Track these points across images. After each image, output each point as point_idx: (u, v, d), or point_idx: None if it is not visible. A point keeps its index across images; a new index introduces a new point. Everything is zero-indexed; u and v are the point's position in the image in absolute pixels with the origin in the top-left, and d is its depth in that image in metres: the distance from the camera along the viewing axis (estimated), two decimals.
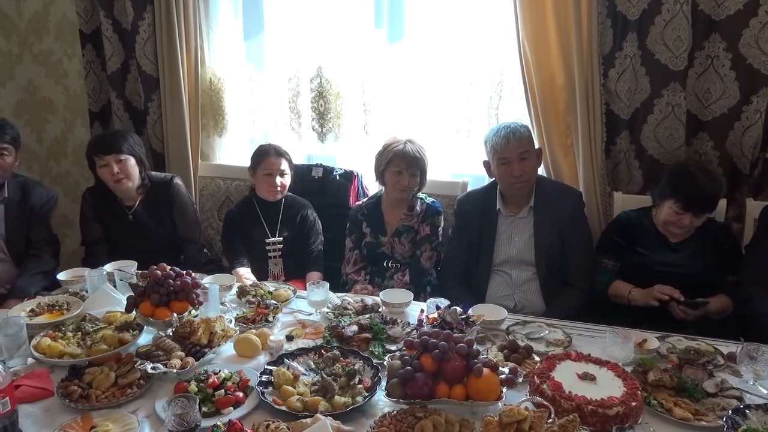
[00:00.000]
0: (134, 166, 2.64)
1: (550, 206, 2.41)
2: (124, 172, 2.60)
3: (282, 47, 3.11)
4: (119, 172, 2.59)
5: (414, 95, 2.97)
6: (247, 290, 2.26)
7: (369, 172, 2.94)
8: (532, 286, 2.43)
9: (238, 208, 2.90)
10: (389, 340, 1.90)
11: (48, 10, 3.46)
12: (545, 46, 2.58)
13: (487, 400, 1.48)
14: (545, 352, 1.82)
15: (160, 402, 1.55)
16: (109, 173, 2.58)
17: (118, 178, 2.59)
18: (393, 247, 2.68)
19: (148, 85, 3.22)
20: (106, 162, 2.58)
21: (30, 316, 2.02)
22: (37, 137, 3.69)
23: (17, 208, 2.61)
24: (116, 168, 2.58)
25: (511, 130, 2.34)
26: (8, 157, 2.52)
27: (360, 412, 1.54)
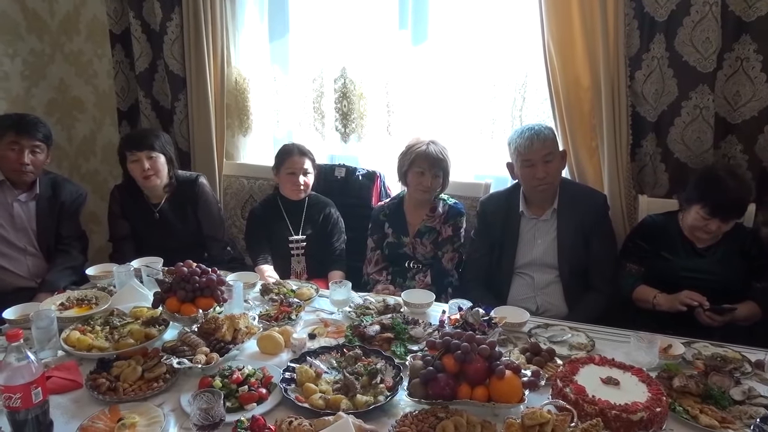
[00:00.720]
0: (164, 164, 2.71)
1: (574, 209, 2.39)
2: (153, 169, 2.66)
3: (306, 48, 3.14)
4: (149, 169, 2.65)
5: (437, 96, 2.97)
6: (271, 288, 2.29)
7: (391, 173, 2.95)
8: (555, 289, 2.41)
9: (262, 206, 2.94)
10: (411, 340, 1.91)
11: (79, 11, 3.53)
12: (570, 47, 2.56)
13: (509, 402, 1.48)
14: (568, 356, 1.81)
15: (185, 396, 1.58)
16: (140, 169, 2.64)
17: (147, 174, 2.65)
18: (415, 248, 2.68)
19: (175, 84, 3.27)
20: (138, 158, 2.64)
21: (60, 309, 2.07)
22: (67, 135, 3.78)
23: (48, 204, 2.68)
24: (147, 164, 2.64)
25: (536, 131, 2.33)
26: (40, 155, 2.59)
27: (381, 411, 1.55)
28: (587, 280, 2.41)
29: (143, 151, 2.65)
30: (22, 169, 2.52)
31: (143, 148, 2.65)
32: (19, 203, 2.61)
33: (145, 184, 2.71)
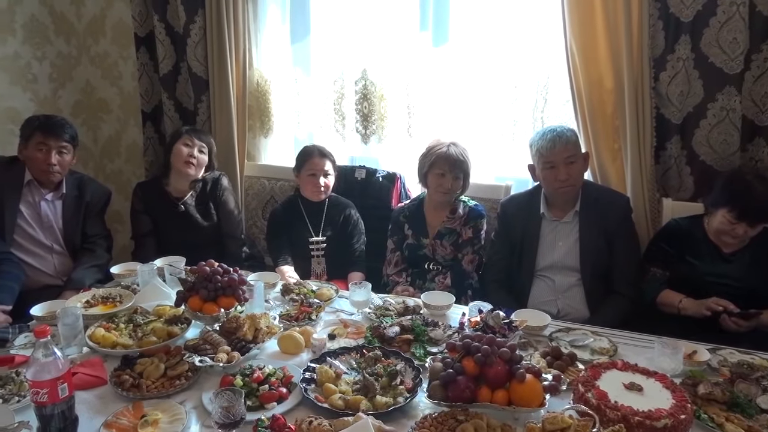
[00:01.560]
0: (205, 161, 2.87)
1: (597, 211, 2.37)
2: (198, 160, 2.83)
3: (328, 50, 3.15)
4: (195, 158, 2.81)
5: (458, 98, 2.96)
6: (291, 288, 2.30)
7: (412, 174, 2.95)
8: (576, 293, 2.39)
9: (282, 207, 2.96)
10: (430, 342, 1.90)
11: (105, 14, 3.60)
12: (593, 48, 2.53)
13: (529, 406, 1.47)
14: (590, 361, 1.79)
15: (207, 394, 1.59)
16: (188, 153, 2.80)
17: (190, 161, 2.80)
18: (435, 250, 2.68)
19: (198, 86, 3.31)
20: (192, 144, 2.82)
21: (85, 307, 2.10)
22: (93, 136, 3.84)
23: (74, 203, 2.73)
24: (196, 153, 2.81)
25: (558, 133, 2.31)
26: (67, 155, 2.64)
27: (401, 412, 1.55)
28: (609, 284, 2.38)
29: (200, 141, 2.84)
30: (49, 170, 2.58)
31: (200, 140, 2.85)
32: (46, 202, 2.66)
33: (182, 169, 2.81)
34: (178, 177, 2.85)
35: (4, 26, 3.19)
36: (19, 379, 1.66)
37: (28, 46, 3.34)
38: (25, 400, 1.55)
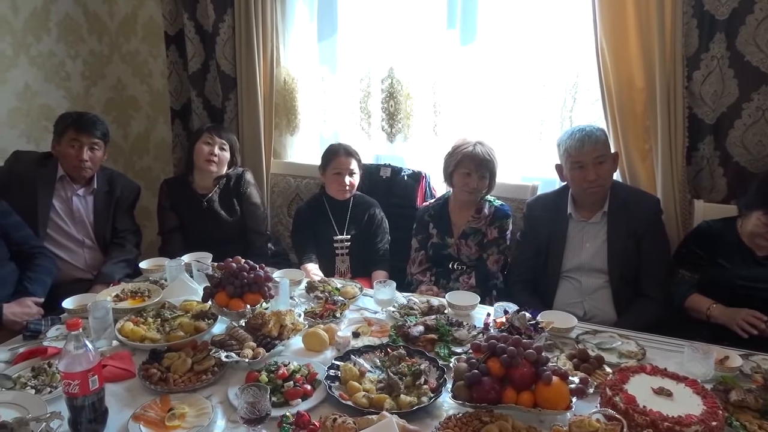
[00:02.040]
0: (227, 159, 2.89)
1: (626, 212, 2.33)
2: (219, 158, 2.84)
3: (354, 48, 3.16)
4: (215, 155, 2.83)
5: (485, 97, 2.94)
6: (316, 286, 2.31)
7: (437, 173, 2.94)
8: (604, 295, 2.35)
9: (308, 205, 2.98)
10: (455, 342, 1.89)
11: (136, 13, 3.66)
12: (624, 46, 2.49)
13: (555, 409, 1.45)
14: (617, 364, 1.76)
15: (233, 389, 1.61)
16: (209, 152, 2.82)
17: (211, 159, 2.82)
18: (459, 249, 2.67)
19: (226, 84, 3.34)
20: (213, 142, 2.84)
21: (115, 301, 2.14)
22: (123, 133, 3.91)
23: (104, 199, 2.78)
24: (216, 150, 2.83)
25: (587, 133, 2.28)
26: (98, 152, 2.69)
27: (425, 412, 1.54)
28: (637, 286, 2.34)
29: (221, 138, 2.85)
30: (81, 165, 2.63)
31: (221, 137, 2.87)
32: (78, 197, 2.72)
33: (204, 167, 2.84)
34: (201, 174, 2.89)
35: (40, 25, 3.27)
36: (52, 370, 1.70)
37: (62, 45, 3.41)
38: (57, 391, 1.59)
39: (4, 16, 3.07)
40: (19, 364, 1.76)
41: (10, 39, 3.11)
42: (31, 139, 3.27)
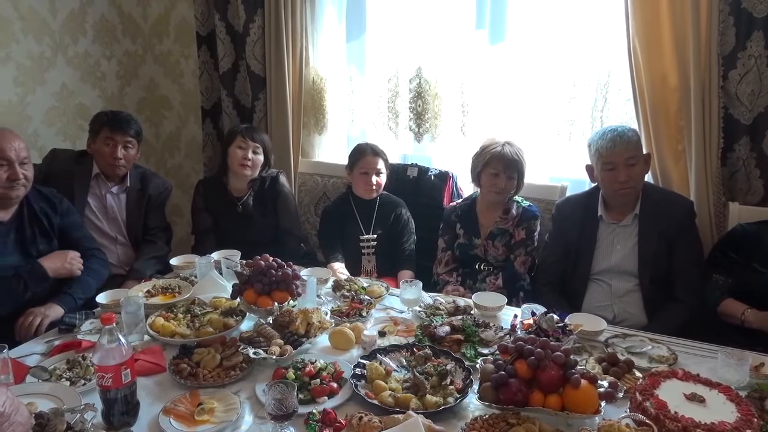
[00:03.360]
0: (260, 162, 2.89)
1: (658, 215, 2.28)
2: (253, 162, 2.85)
3: (383, 48, 3.16)
4: (249, 160, 2.83)
5: (514, 96, 2.92)
6: (342, 285, 2.32)
7: (464, 174, 2.93)
8: (634, 298, 2.31)
9: (334, 204, 2.99)
10: (481, 343, 1.88)
11: (169, 14, 3.73)
12: (658, 44, 2.44)
13: (584, 412, 1.43)
14: (647, 369, 1.73)
15: (260, 385, 1.63)
16: (242, 156, 2.82)
17: (245, 164, 2.83)
18: (486, 250, 2.65)
19: (256, 84, 3.38)
20: (246, 146, 2.84)
21: (147, 296, 2.18)
22: (155, 132, 3.99)
23: (137, 196, 2.84)
24: (250, 155, 2.83)
25: (619, 133, 2.24)
26: (132, 150, 2.75)
27: (451, 412, 1.54)
28: (669, 290, 2.29)
29: (255, 142, 2.85)
30: (115, 163, 2.69)
31: (255, 141, 2.86)
32: (111, 195, 2.78)
33: (238, 171, 2.85)
34: (235, 177, 2.91)
35: (77, 26, 3.35)
36: (86, 363, 1.74)
37: (97, 45, 3.50)
38: (91, 384, 1.63)
39: (44, 18, 3.16)
40: (54, 356, 1.81)
41: (49, 40, 3.20)
42: (67, 138, 3.36)
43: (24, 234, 2.24)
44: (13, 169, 2.13)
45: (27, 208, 2.26)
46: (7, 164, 2.12)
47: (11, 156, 2.12)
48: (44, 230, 2.29)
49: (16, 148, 2.14)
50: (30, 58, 3.11)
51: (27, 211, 2.26)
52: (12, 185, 2.14)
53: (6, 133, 2.17)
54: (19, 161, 2.14)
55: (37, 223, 2.28)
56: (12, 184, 2.14)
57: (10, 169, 2.12)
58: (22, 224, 2.24)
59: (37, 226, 2.28)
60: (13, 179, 2.13)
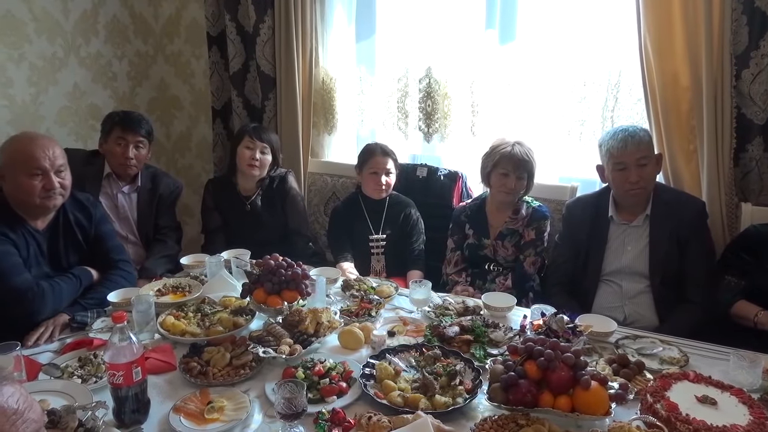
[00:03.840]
0: (268, 162, 2.88)
1: (669, 216, 2.27)
2: (261, 162, 2.84)
3: (392, 49, 3.16)
4: (257, 160, 2.82)
5: (524, 96, 2.91)
6: (352, 284, 2.33)
7: (473, 174, 2.92)
8: (645, 299, 2.30)
9: (344, 204, 3.00)
10: (491, 343, 1.88)
11: (180, 14, 3.75)
12: (670, 43, 2.43)
13: (594, 414, 1.42)
14: (658, 370, 1.72)
15: (270, 384, 1.64)
16: (250, 156, 2.82)
17: (253, 164, 2.82)
18: (496, 250, 2.64)
19: (266, 84, 3.39)
20: (254, 146, 2.82)
21: (157, 295, 2.20)
22: (166, 132, 4.02)
23: (148, 196, 2.86)
24: (258, 155, 2.82)
25: (630, 133, 2.23)
26: (143, 150, 2.77)
27: (460, 413, 1.54)
28: (680, 291, 2.27)
29: (262, 142, 2.84)
30: (127, 163, 2.71)
31: (263, 141, 2.85)
32: (122, 194, 2.80)
33: (246, 171, 2.85)
34: (244, 177, 2.91)
35: (89, 27, 3.38)
36: (97, 361, 1.76)
37: (109, 46, 3.52)
38: (102, 381, 1.64)
39: (57, 19, 3.18)
40: (66, 354, 1.83)
41: (61, 41, 3.22)
42: (79, 138, 3.38)
43: (57, 244, 2.17)
44: (48, 178, 2.02)
45: (63, 217, 2.18)
46: (42, 174, 2.02)
47: (45, 165, 2.01)
48: (76, 241, 2.22)
49: (50, 156, 2.03)
50: (43, 59, 3.13)
51: (62, 220, 2.18)
52: (48, 195, 2.04)
53: (41, 140, 2.07)
54: (54, 170, 2.04)
55: (70, 234, 2.21)
56: (48, 194, 2.04)
57: (45, 178, 2.02)
58: (55, 234, 2.17)
59: (69, 236, 2.21)
60: (48, 189, 2.03)
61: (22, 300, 1.96)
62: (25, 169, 2.00)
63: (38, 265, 2.10)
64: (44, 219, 2.14)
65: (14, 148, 2.04)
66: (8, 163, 2.02)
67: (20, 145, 2.04)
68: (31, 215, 2.09)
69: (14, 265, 1.98)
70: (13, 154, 2.02)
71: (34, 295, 1.97)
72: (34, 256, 2.09)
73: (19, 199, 2.04)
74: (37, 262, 2.10)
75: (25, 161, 2.00)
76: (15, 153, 2.02)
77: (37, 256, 2.10)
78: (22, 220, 2.07)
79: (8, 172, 2.02)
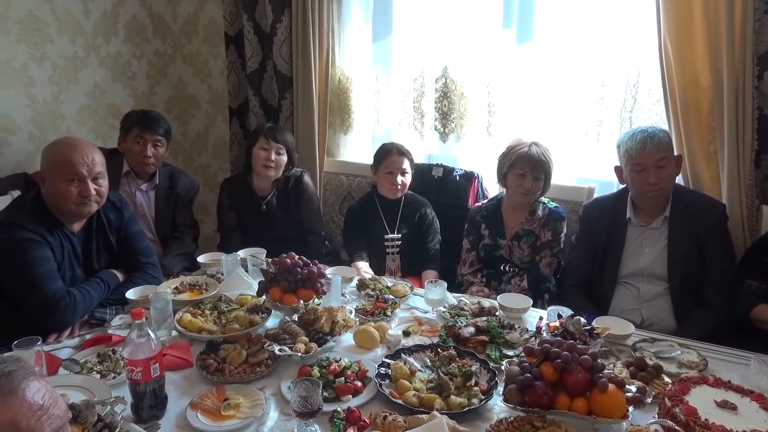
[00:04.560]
0: (284, 162, 2.87)
1: (688, 218, 2.24)
2: (276, 162, 2.83)
3: (409, 48, 3.16)
4: (272, 161, 2.82)
5: (541, 97, 2.89)
6: (367, 284, 2.33)
7: (489, 174, 2.91)
8: (663, 302, 2.27)
9: (359, 204, 3.00)
10: (506, 344, 1.87)
11: (198, 14, 3.78)
12: (690, 44, 2.39)
13: (611, 417, 1.41)
14: (677, 374, 1.70)
15: (285, 382, 1.65)
16: (266, 157, 2.81)
17: (269, 165, 2.82)
18: (511, 251, 2.63)
19: (283, 84, 3.41)
20: (270, 147, 2.81)
21: (174, 293, 2.21)
22: (183, 131, 4.05)
23: (165, 194, 2.89)
24: (273, 156, 2.81)
25: (649, 134, 2.20)
26: (161, 148, 2.80)
27: (475, 414, 1.53)
28: (699, 295, 2.24)
29: (278, 143, 2.83)
30: (145, 161, 2.74)
31: (278, 142, 2.83)
32: (141, 192, 2.84)
33: (262, 172, 2.85)
34: (259, 177, 2.92)
35: (109, 27, 3.42)
36: (115, 357, 1.78)
37: (128, 45, 3.56)
38: (121, 377, 1.66)
39: (78, 19, 3.22)
40: (85, 349, 1.86)
41: (82, 41, 3.27)
42: (99, 136, 3.42)
43: (90, 246, 2.17)
44: (84, 185, 1.99)
45: (96, 219, 2.17)
46: (79, 180, 1.98)
47: (83, 172, 1.98)
48: (108, 243, 2.22)
49: (89, 163, 1.99)
50: (64, 58, 3.18)
51: (96, 222, 2.18)
52: (83, 202, 2.01)
53: (81, 146, 2.03)
54: (92, 176, 2.01)
55: (103, 236, 2.21)
56: (83, 200, 2.00)
57: (82, 185, 1.99)
58: (89, 236, 2.17)
59: (102, 238, 2.20)
60: (84, 196, 2.00)
61: (54, 311, 1.95)
62: (63, 174, 1.97)
63: (71, 268, 2.10)
64: (80, 222, 2.14)
65: (54, 153, 2.02)
66: (48, 166, 2.01)
67: (60, 149, 2.02)
68: (67, 219, 2.08)
69: (49, 272, 1.97)
70: (53, 159, 2.01)
71: (66, 305, 1.96)
72: (68, 258, 2.09)
73: (55, 203, 2.03)
74: (71, 264, 2.10)
75: (63, 166, 1.97)
76: (54, 157, 2.00)
77: (71, 258, 2.10)
78: (60, 222, 2.06)
79: (47, 176, 2.01)
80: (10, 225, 1.96)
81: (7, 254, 1.95)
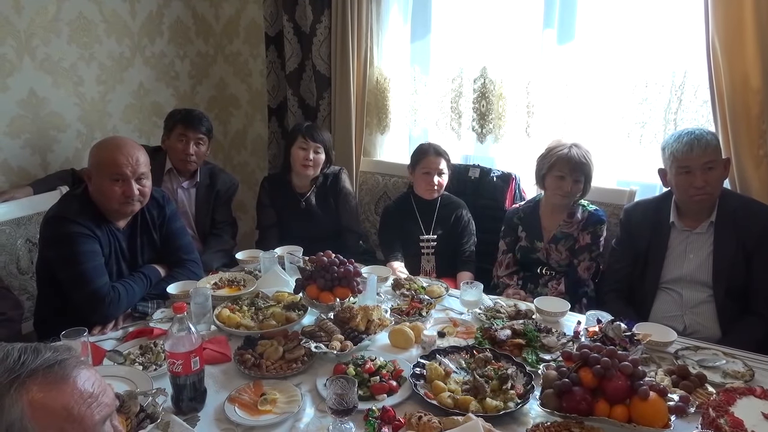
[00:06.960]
0: (322, 161, 2.90)
1: (736, 223, 2.16)
2: (314, 161, 2.86)
3: (447, 48, 3.15)
4: (311, 160, 2.84)
5: (582, 97, 2.83)
6: (402, 283, 2.33)
7: (527, 175, 2.88)
8: (707, 309, 2.20)
9: (395, 204, 3.01)
10: (543, 348, 1.84)
11: (240, 15, 3.84)
12: (740, 43, 2.31)
13: (652, 425, 1.38)
14: (721, 384, 1.65)
15: (321, 379, 1.66)
16: (304, 156, 2.84)
17: (307, 164, 2.84)
18: (549, 254, 2.59)
19: (321, 83, 3.44)
20: (308, 146, 2.84)
21: (213, 288, 2.25)
22: (223, 129, 4.13)
23: (206, 191, 2.95)
24: (311, 155, 2.84)
25: (696, 136, 2.14)
26: (203, 146, 2.86)
27: (511, 417, 1.52)
28: (745, 303, 2.17)
29: (316, 142, 2.85)
30: (187, 159, 2.81)
31: (316, 141, 2.86)
32: (182, 189, 2.90)
33: (300, 171, 2.89)
34: (298, 176, 2.95)
35: (154, 28, 3.51)
36: (157, 349, 1.82)
37: (172, 46, 3.65)
38: (162, 369, 1.70)
39: (125, 20, 3.32)
40: (128, 342, 1.91)
41: (129, 42, 3.36)
42: (142, 134, 3.52)
43: (135, 243, 2.21)
44: (128, 185, 2.02)
45: (141, 216, 2.21)
46: (123, 180, 2.01)
47: (127, 172, 2.00)
48: (152, 239, 2.26)
49: (133, 163, 2.02)
50: (111, 58, 3.28)
51: (140, 219, 2.21)
52: (126, 201, 2.04)
53: (126, 146, 2.06)
54: (136, 177, 2.03)
55: (147, 232, 2.24)
56: (126, 200, 2.03)
57: (125, 184, 2.02)
58: (134, 233, 2.20)
59: (146, 235, 2.24)
60: (127, 195, 2.02)
61: (99, 306, 2.00)
62: (108, 173, 2.01)
63: (117, 263, 2.15)
64: (125, 219, 2.18)
65: (100, 152, 2.06)
66: (94, 164, 2.06)
67: (106, 149, 2.06)
68: (112, 216, 2.13)
69: (97, 267, 2.03)
70: (99, 158, 2.05)
71: (111, 300, 2.02)
72: (114, 254, 2.14)
73: (100, 200, 2.08)
74: (117, 260, 2.15)
75: (108, 165, 2.01)
76: (100, 156, 2.05)
77: (117, 254, 2.15)
78: (106, 219, 2.12)
79: (94, 174, 2.06)
80: (63, 218, 2.02)
81: (59, 247, 2.02)
